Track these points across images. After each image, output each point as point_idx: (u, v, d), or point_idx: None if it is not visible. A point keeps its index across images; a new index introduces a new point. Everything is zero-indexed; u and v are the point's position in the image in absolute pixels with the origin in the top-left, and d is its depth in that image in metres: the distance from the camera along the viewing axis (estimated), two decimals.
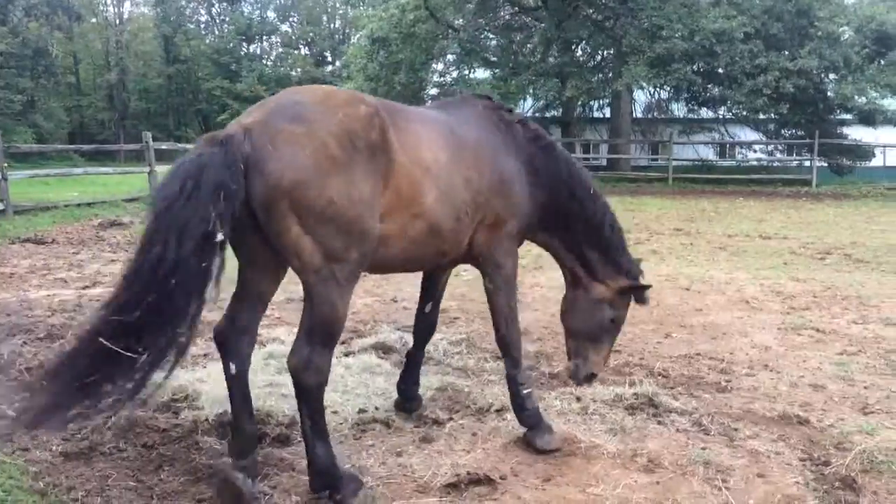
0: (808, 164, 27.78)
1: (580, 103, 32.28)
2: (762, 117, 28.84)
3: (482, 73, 31.51)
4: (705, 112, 32.10)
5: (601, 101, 33.13)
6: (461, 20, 29.78)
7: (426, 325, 4.72)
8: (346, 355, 5.77)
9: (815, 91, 25.41)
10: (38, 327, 6.51)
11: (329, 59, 59.50)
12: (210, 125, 57.73)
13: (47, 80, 47.04)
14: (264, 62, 59.08)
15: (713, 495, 3.62)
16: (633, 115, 34.13)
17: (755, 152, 33.53)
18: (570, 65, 28.56)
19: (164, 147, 22.77)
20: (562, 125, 33.52)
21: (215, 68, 54.58)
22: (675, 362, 5.74)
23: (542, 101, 32.44)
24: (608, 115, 33.41)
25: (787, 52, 24.51)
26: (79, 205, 17.05)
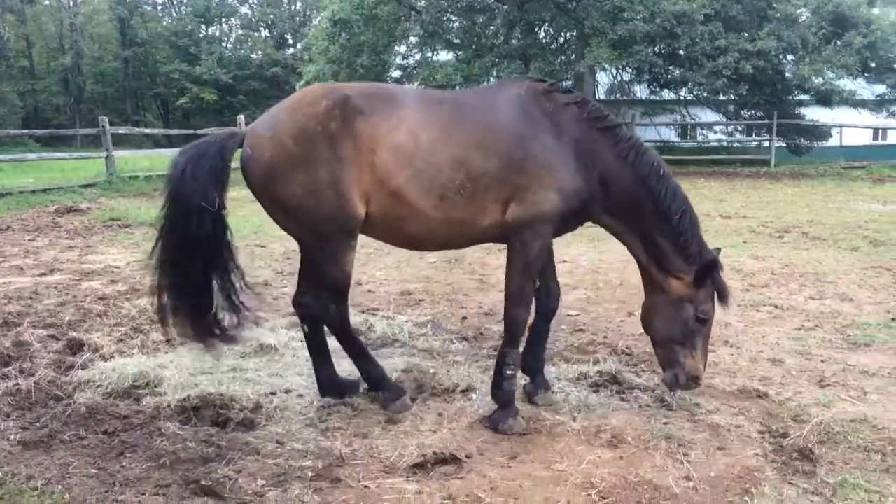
0: (766, 144, 28.23)
1: None
2: (722, 98, 29.09)
3: (445, 56, 31.29)
4: (667, 94, 32.32)
5: (564, 82, 33.16)
6: (423, 2, 29.52)
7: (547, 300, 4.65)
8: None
9: (774, 72, 25.75)
10: None
11: (290, 41, 58.70)
12: (169, 109, 56.75)
13: None
14: (224, 45, 58.12)
15: (675, 468, 3.68)
16: (596, 97, 34.25)
17: (716, 133, 33.87)
18: (533, 46, 28.52)
19: (121, 131, 22.33)
20: None
21: (173, 51, 53.60)
22: (638, 340, 5.79)
23: None
24: None
25: (746, 34, 24.73)
26: (34, 191, 16.62)
